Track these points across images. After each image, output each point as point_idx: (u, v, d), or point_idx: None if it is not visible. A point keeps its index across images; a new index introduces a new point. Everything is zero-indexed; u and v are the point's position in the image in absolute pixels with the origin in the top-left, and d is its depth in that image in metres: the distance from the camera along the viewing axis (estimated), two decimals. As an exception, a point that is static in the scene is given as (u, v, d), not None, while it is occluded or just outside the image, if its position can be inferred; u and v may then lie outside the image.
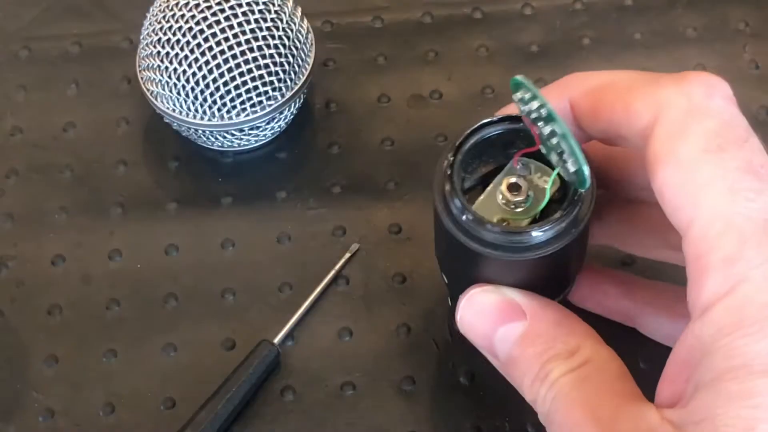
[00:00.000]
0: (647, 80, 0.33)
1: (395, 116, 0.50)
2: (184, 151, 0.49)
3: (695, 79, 0.32)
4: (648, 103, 0.32)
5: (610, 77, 0.34)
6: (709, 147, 0.30)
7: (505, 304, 0.35)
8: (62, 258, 0.46)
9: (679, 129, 0.31)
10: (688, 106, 0.31)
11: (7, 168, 0.49)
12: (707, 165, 0.30)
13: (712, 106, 0.31)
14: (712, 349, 0.28)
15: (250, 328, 0.44)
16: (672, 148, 0.30)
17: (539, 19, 0.52)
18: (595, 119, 0.34)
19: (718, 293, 0.29)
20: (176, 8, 0.44)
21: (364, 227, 0.46)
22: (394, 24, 0.53)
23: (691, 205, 0.30)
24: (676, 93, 0.31)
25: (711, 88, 0.31)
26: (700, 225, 0.29)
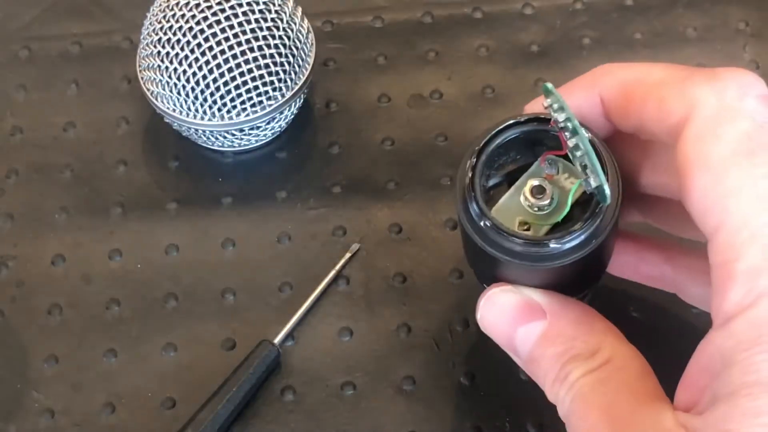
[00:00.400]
0: (680, 76, 0.32)
1: (395, 116, 0.50)
2: (184, 151, 0.49)
3: (729, 77, 0.31)
4: (680, 101, 0.31)
5: (641, 71, 0.33)
6: (740, 150, 0.29)
7: (525, 304, 0.34)
8: (62, 258, 0.46)
9: (710, 130, 0.30)
10: (720, 106, 0.30)
11: (7, 168, 0.49)
12: (737, 170, 0.29)
13: (745, 106, 0.30)
14: (732, 361, 0.28)
15: (250, 328, 0.44)
16: (702, 150, 0.30)
17: (539, 19, 0.52)
18: (625, 115, 0.33)
19: (740, 305, 0.28)
20: (176, 8, 0.44)
21: (364, 227, 0.46)
22: (394, 24, 0.53)
23: (719, 211, 0.29)
24: (708, 91, 0.30)
25: (745, 87, 0.30)
26: (726, 231, 0.29)
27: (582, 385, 0.32)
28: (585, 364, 0.33)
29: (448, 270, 0.45)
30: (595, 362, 0.33)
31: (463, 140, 0.49)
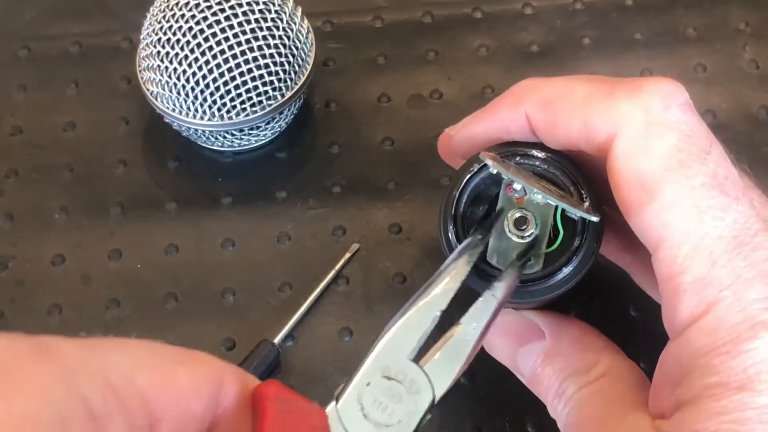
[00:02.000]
0: (603, 91, 0.32)
1: (395, 116, 0.50)
2: (184, 151, 0.49)
3: (651, 89, 0.31)
4: (605, 118, 0.31)
5: (564, 87, 0.33)
6: (671, 164, 0.30)
7: (525, 326, 0.35)
8: (62, 258, 0.46)
9: (639, 146, 0.30)
10: (646, 121, 0.30)
11: (7, 168, 0.49)
12: (671, 184, 0.30)
13: (671, 117, 0.30)
14: (691, 368, 0.29)
15: (250, 328, 0.44)
16: (634, 167, 0.30)
17: (539, 19, 0.52)
18: (552, 133, 0.33)
19: (692, 315, 0.29)
20: (176, 8, 0.44)
21: (364, 227, 0.46)
22: (394, 24, 0.53)
23: (659, 226, 0.30)
24: (632, 107, 0.31)
25: (667, 98, 0.31)
26: (669, 246, 0.29)
27: (578, 398, 0.33)
28: (581, 378, 0.34)
29: (448, 270, 0.45)
30: (591, 376, 0.33)
31: (463, 140, 0.49)
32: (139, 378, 0.25)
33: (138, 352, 0.26)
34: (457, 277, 0.32)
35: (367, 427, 0.29)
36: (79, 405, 0.24)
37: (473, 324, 0.31)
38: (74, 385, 0.24)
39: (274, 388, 0.27)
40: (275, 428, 0.27)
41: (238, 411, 0.27)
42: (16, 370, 0.23)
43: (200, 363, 0.27)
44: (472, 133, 0.36)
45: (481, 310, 0.32)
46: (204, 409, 0.26)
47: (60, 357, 0.24)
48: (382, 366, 0.30)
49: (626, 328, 0.40)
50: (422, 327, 0.30)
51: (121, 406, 0.25)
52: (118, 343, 0.26)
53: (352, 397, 0.29)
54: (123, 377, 0.25)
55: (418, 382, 0.30)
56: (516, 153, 0.35)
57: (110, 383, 0.25)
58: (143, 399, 0.25)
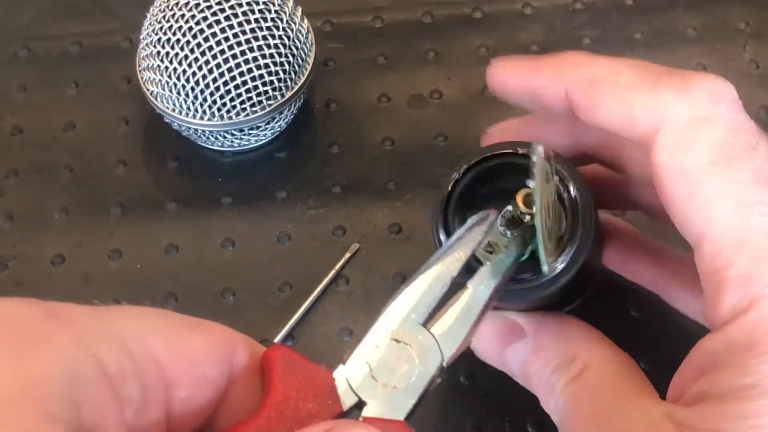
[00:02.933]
0: (649, 80, 0.31)
1: (395, 116, 0.50)
2: (184, 151, 0.49)
3: (699, 84, 0.30)
4: (650, 109, 0.30)
5: (610, 70, 0.32)
6: (717, 158, 0.29)
7: (506, 326, 0.35)
8: (62, 258, 0.46)
9: (685, 140, 0.30)
10: (693, 115, 0.30)
11: (7, 168, 0.49)
12: (716, 178, 0.29)
13: (718, 113, 0.30)
14: (725, 364, 0.28)
15: (250, 328, 0.43)
16: (678, 161, 0.30)
17: (539, 18, 0.52)
18: (593, 116, 0.32)
19: (734, 311, 0.28)
20: (176, 8, 0.44)
21: (364, 227, 0.46)
22: (394, 24, 0.53)
23: (703, 220, 0.29)
24: (679, 100, 0.30)
25: (716, 94, 0.30)
26: (712, 240, 0.29)
27: (567, 394, 0.33)
28: (566, 372, 0.33)
29: (448, 270, 0.45)
30: (575, 369, 0.33)
31: (463, 140, 0.49)
32: (152, 342, 0.25)
33: (151, 318, 0.27)
34: (468, 246, 0.32)
35: (375, 388, 0.29)
36: (94, 365, 0.24)
37: (480, 287, 0.31)
38: (88, 347, 0.24)
39: (281, 351, 0.28)
40: (282, 389, 0.27)
41: (249, 378, 0.27)
42: (30, 331, 0.24)
43: (213, 330, 0.27)
44: (506, 81, 0.35)
45: (489, 273, 0.32)
46: (218, 374, 0.27)
47: (74, 320, 0.25)
48: (391, 329, 0.30)
49: (626, 328, 0.40)
50: (432, 292, 0.31)
51: (136, 368, 0.25)
52: (131, 310, 0.27)
53: (360, 359, 0.29)
54: (137, 341, 0.25)
55: (427, 345, 0.30)
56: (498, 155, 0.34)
57: (124, 346, 0.25)
58: (157, 362, 0.25)
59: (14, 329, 0.23)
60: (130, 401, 0.25)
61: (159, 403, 0.26)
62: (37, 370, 0.23)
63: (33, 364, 0.23)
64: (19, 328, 0.24)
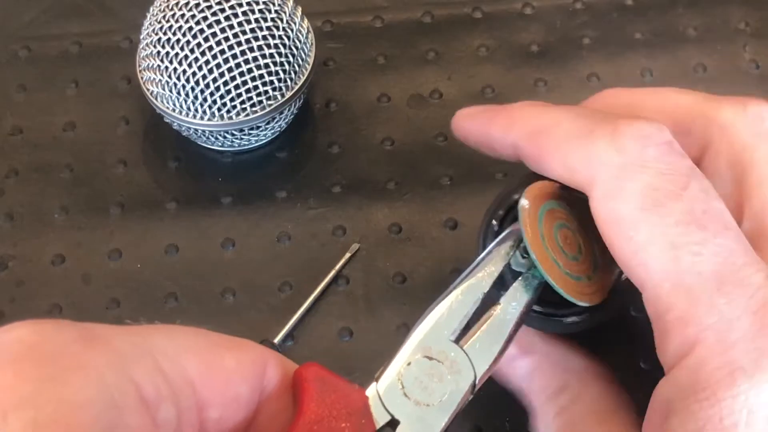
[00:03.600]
0: (584, 130, 0.31)
1: (395, 116, 0.50)
2: (184, 151, 0.49)
3: (626, 131, 0.31)
4: (583, 160, 0.31)
5: (551, 119, 0.33)
6: (645, 204, 0.29)
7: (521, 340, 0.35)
8: (62, 258, 0.46)
9: (615, 188, 0.30)
10: (622, 163, 0.30)
11: (7, 168, 0.49)
12: (645, 224, 0.29)
13: (646, 157, 0.30)
14: (675, 409, 0.28)
15: (250, 328, 0.44)
16: (611, 209, 0.30)
17: (539, 18, 0.52)
18: (538, 166, 0.33)
19: (678, 355, 0.29)
20: (176, 8, 0.44)
21: (364, 227, 0.46)
22: (394, 24, 0.53)
23: (639, 267, 0.30)
24: (608, 149, 0.30)
25: (644, 139, 0.30)
26: (650, 286, 0.29)
27: (557, 425, 0.33)
28: (557, 402, 0.34)
29: (448, 270, 0.45)
30: (564, 400, 0.34)
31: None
32: (187, 363, 0.25)
33: (185, 338, 0.26)
34: (499, 261, 0.32)
35: (408, 406, 0.29)
36: (131, 390, 0.24)
37: (513, 303, 0.31)
38: (125, 371, 0.24)
39: (314, 369, 0.28)
40: (315, 409, 0.27)
41: (281, 396, 0.27)
42: (67, 355, 0.23)
43: (245, 348, 0.27)
44: (466, 129, 0.37)
45: (521, 289, 0.32)
46: (250, 393, 0.27)
47: (109, 343, 0.24)
48: (423, 346, 0.30)
49: (626, 328, 0.40)
50: (464, 308, 0.31)
51: (171, 390, 0.25)
52: (164, 329, 0.26)
53: (393, 377, 0.29)
54: (172, 362, 0.25)
55: (459, 362, 0.30)
56: None
57: (160, 368, 0.25)
58: (191, 383, 0.25)
59: (51, 354, 0.23)
60: (166, 425, 0.25)
61: (193, 425, 0.26)
62: (76, 395, 0.23)
63: (71, 389, 0.23)
64: (56, 352, 0.23)
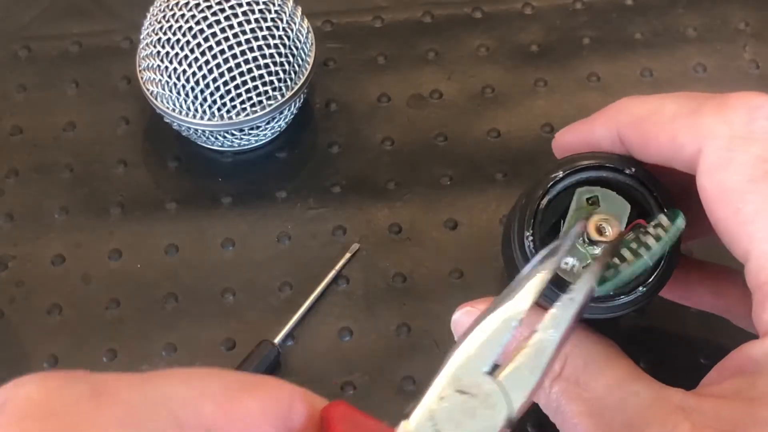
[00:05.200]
0: (690, 108, 0.32)
1: (395, 116, 0.50)
2: (184, 151, 0.49)
3: (736, 103, 0.31)
4: (691, 135, 0.31)
5: (654, 105, 0.33)
6: (755, 175, 0.30)
7: None
8: (62, 258, 0.46)
9: (723, 160, 0.30)
10: (731, 134, 0.30)
11: (7, 168, 0.49)
12: (755, 194, 0.29)
13: (755, 129, 0.30)
14: (765, 370, 0.28)
15: (250, 328, 0.44)
16: (718, 181, 0.30)
17: (539, 18, 0.52)
18: (644, 150, 0.33)
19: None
20: (176, 8, 0.44)
21: (364, 227, 0.46)
22: (394, 24, 0.53)
23: (746, 237, 0.30)
24: (717, 122, 0.31)
25: (753, 110, 0.31)
26: (756, 257, 0.29)
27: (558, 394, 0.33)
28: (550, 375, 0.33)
29: (448, 270, 0.45)
30: (555, 367, 0.33)
31: (463, 140, 0.49)
32: (205, 408, 0.24)
33: (201, 382, 0.25)
34: (534, 288, 0.30)
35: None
36: None
37: (550, 331, 0.29)
38: (139, 427, 0.23)
39: (342, 408, 0.26)
40: None
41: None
42: (77, 415, 0.23)
43: (268, 388, 0.26)
44: (569, 144, 0.36)
45: (559, 316, 0.29)
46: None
47: (120, 397, 0.23)
48: (455, 379, 0.28)
49: (626, 329, 0.40)
50: (498, 338, 0.29)
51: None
52: (180, 374, 0.25)
53: (424, 414, 0.28)
54: (188, 409, 0.24)
55: (494, 395, 0.28)
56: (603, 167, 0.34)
57: (175, 417, 0.24)
58: (210, 430, 0.24)
59: (59, 413, 0.23)
60: None
61: None
62: None
63: None
64: (64, 411, 0.23)
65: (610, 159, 0.34)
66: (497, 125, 0.49)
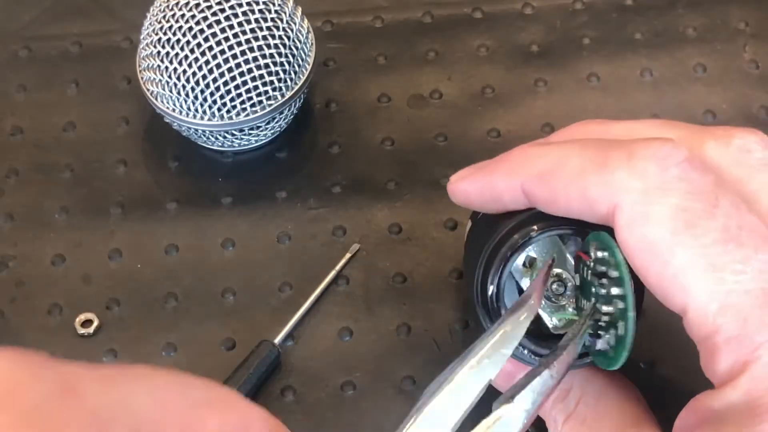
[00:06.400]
0: (597, 162, 0.31)
1: (395, 116, 0.50)
2: (184, 151, 0.49)
3: (645, 154, 0.30)
4: (603, 190, 0.30)
5: (557, 158, 0.32)
6: (677, 227, 0.29)
7: None
8: (62, 258, 0.46)
9: (641, 214, 0.29)
10: (644, 187, 0.30)
11: (7, 168, 0.49)
12: (681, 247, 0.29)
13: (668, 179, 0.30)
14: (727, 420, 0.28)
15: (250, 328, 0.44)
16: (641, 235, 0.29)
17: (539, 18, 0.52)
18: (553, 207, 0.32)
19: (729, 374, 0.29)
20: (176, 8, 0.44)
21: (364, 227, 0.46)
22: (394, 24, 0.53)
23: (680, 291, 0.29)
24: (628, 176, 0.30)
25: (664, 160, 0.30)
26: (695, 309, 0.29)
27: (566, 430, 0.33)
28: (564, 408, 0.33)
29: (448, 270, 0.45)
30: (570, 403, 0.33)
31: (463, 140, 0.49)
32: (168, 427, 0.23)
33: (167, 393, 0.24)
34: (509, 342, 0.29)
35: None
36: None
37: (525, 405, 0.28)
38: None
39: None
40: None
41: None
42: (45, 414, 0.22)
43: (230, 408, 0.25)
44: (468, 193, 0.36)
45: (536, 391, 0.29)
46: None
47: (88, 399, 0.22)
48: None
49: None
50: (468, 397, 0.28)
51: None
52: (146, 379, 0.24)
53: None
54: (149, 425, 0.23)
55: None
56: None
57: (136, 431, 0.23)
58: None
59: (28, 408, 0.21)
60: None
61: None
62: None
63: None
64: (33, 406, 0.21)
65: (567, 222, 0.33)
66: (497, 125, 0.49)
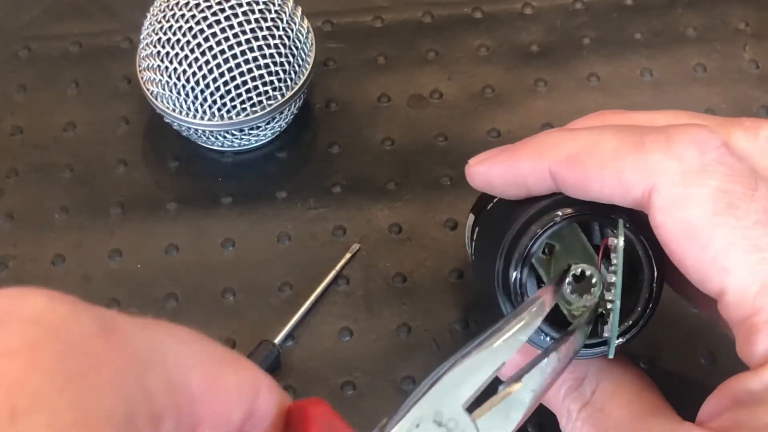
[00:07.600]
0: (632, 143, 0.31)
1: (395, 116, 0.50)
2: (184, 151, 0.49)
3: (682, 137, 0.30)
4: (639, 172, 0.30)
5: (590, 140, 0.32)
6: (718, 208, 0.29)
7: None
8: (62, 258, 0.46)
9: (681, 196, 0.29)
10: (683, 169, 0.30)
11: (7, 168, 0.49)
12: (722, 228, 0.29)
13: (708, 162, 0.30)
14: (762, 401, 0.28)
15: (250, 328, 0.44)
16: (680, 218, 0.29)
17: (539, 18, 0.52)
18: (583, 190, 0.32)
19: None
20: (176, 8, 0.44)
21: (364, 227, 0.46)
22: (394, 24, 0.53)
23: (719, 272, 0.29)
24: (667, 157, 0.30)
25: (702, 144, 0.30)
26: (734, 290, 0.29)
27: (582, 419, 0.33)
28: (579, 396, 0.33)
29: (447, 270, 0.45)
30: (586, 392, 0.33)
31: (463, 140, 0.49)
32: (193, 375, 0.23)
33: (194, 347, 0.24)
34: (526, 329, 0.29)
35: None
36: (145, 402, 0.22)
37: (533, 385, 0.29)
38: (143, 378, 0.22)
39: (323, 409, 0.26)
40: None
41: (268, 425, 0.26)
42: (89, 352, 0.21)
43: (243, 368, 0.25)
44: (489, 174, 0.35)
45: (544, 372, 0.30)
46: (242, 416, 0.25)
47: (128, 340, 0.22)
48: (435, 409, 0.28)
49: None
50: (482, 375, 0.28)
51: (175, 405, 0.23)
52: (175, 333, 0.24)
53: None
54: (180, 372, 0.23)
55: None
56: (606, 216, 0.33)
57: (170, 380, 0.23)
58: (193, 399, 0.23)
59: (71, 346, 0.21)
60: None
61: None
62: (97, 407, 0.20)
63: (93, 395, 0.21)
64: (76, 344, 0.21)
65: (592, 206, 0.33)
66: (497, 125, 0.49)
